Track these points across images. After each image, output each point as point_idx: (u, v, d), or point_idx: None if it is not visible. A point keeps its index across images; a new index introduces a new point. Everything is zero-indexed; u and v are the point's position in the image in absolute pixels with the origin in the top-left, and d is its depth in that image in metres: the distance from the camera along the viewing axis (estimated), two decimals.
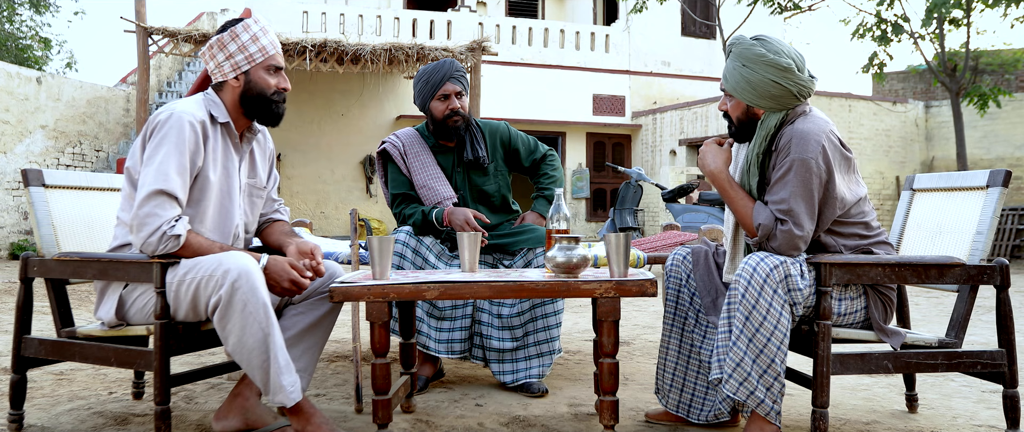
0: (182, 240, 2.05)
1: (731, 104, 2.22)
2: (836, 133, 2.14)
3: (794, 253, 2.08)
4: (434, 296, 2.03)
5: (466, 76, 2.99)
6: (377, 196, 14.68)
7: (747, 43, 2.16)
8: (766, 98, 2.14)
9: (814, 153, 2.05)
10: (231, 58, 2.20)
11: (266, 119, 2.27)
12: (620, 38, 16.29)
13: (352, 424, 2.40)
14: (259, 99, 2.23)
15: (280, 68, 2.27)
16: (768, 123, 2.15)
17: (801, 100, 2.16)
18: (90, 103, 11.99)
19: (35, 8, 18.33)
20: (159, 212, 2.02)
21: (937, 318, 5.07)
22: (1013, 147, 13.28)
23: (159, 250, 2.04)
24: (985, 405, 2.71)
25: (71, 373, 3.12)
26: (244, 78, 2.22)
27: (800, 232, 2.05)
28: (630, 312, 5.39)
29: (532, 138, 3.16)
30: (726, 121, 2.26)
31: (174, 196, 2.05)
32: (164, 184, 2.04)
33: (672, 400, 2.42)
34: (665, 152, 15.46)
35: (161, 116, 2.12)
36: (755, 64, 2.13)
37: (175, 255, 2.07)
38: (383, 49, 10.19)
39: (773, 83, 2.12)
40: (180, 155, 2.07)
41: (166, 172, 2.05)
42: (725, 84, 2.21)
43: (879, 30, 11.99)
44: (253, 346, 2.01)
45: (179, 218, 2.06)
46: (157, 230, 2.02)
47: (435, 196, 2.94)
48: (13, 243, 10.71)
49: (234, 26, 2.20)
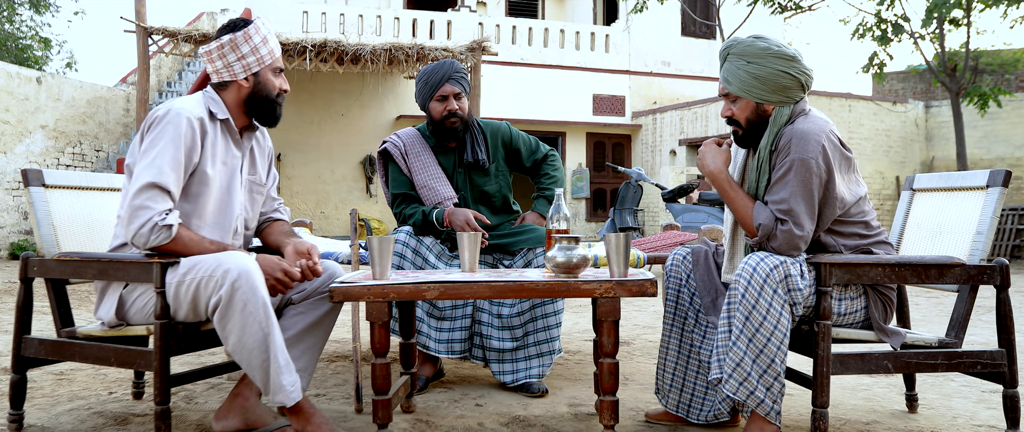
0: (173, 232, 2.05)
1: (738, 107, 2.18)
2: (836, 133, 2.14)
3: (794, 253, 2.08)
4: (434, 296, 2.03)
5: (467, 77, 2.98)
6: (377, 196, 14.68)
7: (747, 41, 2.15)
8: (777, 91, 2.13)
9: (814, 153, 2.05)
10: (243, 59, 2.22)
11: (267, 119, 2.30)
12: (620, 38, 16.29)
13: (352, 424, 2.40)
14: (265, 100, 2.26)
15: (282, 69, 2.31)
16: (780, 118, 2.14)
17: (805, 92, 2.16)
18: (90, 103, 11.99)
19: (35, 8, 18.33)
20: (151, 204, 2.03)
21: (937, 318, 5.07)
22: (1013, 147, 13.28)
23: (150, 242, 2.04)
24: (985, 405, 2.71)
25: (71, 373, 3.12)
26: (254, 79, 2.24)
27: (800, 232, 2.05)
28: (630, 312, 5.39)
29: (533, 138, 3.16)
30: (730, 128, 2.23)
31: (167, 190, 2.06)
32: (157, 177, 2.04)
33: (672, 400, 2.42)
34: (665, 152, 15.46)
35: (159, 112, 2.14)
36: (762, 58, 2.12)
37: (166, 249, 2.07)
38: (383, 49, 10.19)
39: (783, 74, 2.12)
40: (175, 150, 2.08)
41: (160, 166, 2.06)
42: (729, 87, 2.17)
43: (879, 30, 11.99)
44: (253, 346, 2.01)
45: (171, 211, 2.07)
46: (148, 222, 2.02)
47: (436, 196, 2.94)
48: (13, 243, 10.71)
49: (246, 28, 2.22)
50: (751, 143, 2.22)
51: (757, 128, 2.19)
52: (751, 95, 2.15)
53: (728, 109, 2.22)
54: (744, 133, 2.21)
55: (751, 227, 2.13)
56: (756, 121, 2.18)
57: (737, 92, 2.16)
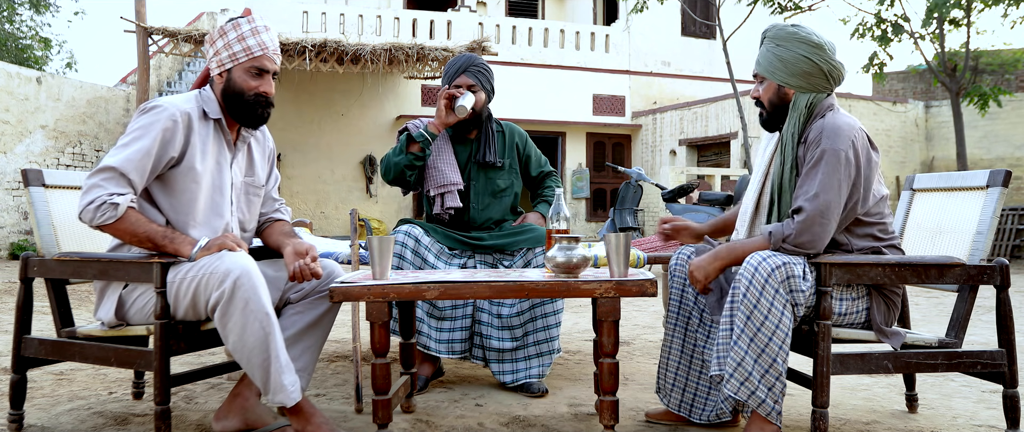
0: (120, 211, 2.04)
1: (763, 88, 2.23)
2: (865, 131, 2.16)
3: (815, 244, 2.04)
4: (434, 296, 2.03)
5: (486, 72, 3.02)
6: (377, 196, 14.68)
7: (781, 25, 2.22)
8: (797, 75, 2.16)
9: (846, 145, 2.06)
10: (218, 54, 2.22)
11: (245, 120, 2.25)
12: (620, 38, 16.29)
13: (352, 424, 2.40)
14: (237, 99, 2.21)
15: (265, 71, 2.23)
16: (800, 104, 2.17)
17: (832, 84, 2.18)
18: (90, 103, 11.99)
19: (35, 8, 18.33)
20: (105, 185, 2.04)
21: (937, 318, 5.07)
22: (1013, 147, 13.27)
23: (96, 219, 2.04)
24: (985, 405, 2.71)
25: (71, 373, 3.12)
26: (227, 75, 2.22)
27: (823, 221, 2.03)
28: (630, 312, 5.39)
29: (544, 156, 3.26)
30: (758, 109, 2.27)
31: (126, 176, 2.06)
32: (120, 164, 2.05)
33: (674, 400, 2.42)
34: (665, 152, 15.47)
35: (146, 104, 2.16)
36: (788, 41, 2.17)
37: (111, 229, 2.06)
38: (383, 49, 10.19)
39: (804, 58, 2.14)
40: (149, 142, 2.09)
41: (127, 154, 2.07)
42: (757, 68, 2.23)
43: (879, 30, 11.99)
44: (254, 345, 2.01)
45: (124, 195, 2.06)
46: (97, 199, 2.03)
47: (442, 178, 2.96)
48: (13, 243, 10.71)
49: (229, 23, 2.21)
50: (776, 126, 2.26)
51: (780, 112, 2.22)
52: (773, 76, 2.19)
53: (756, 90, 2.27)
54: (768, 116, 2.25)
55: (766, 245, 2.10)
56: (779, 104, 2.22)
57: (763, 73, 2.22)
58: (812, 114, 2.17)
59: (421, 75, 12.14)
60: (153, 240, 2.08)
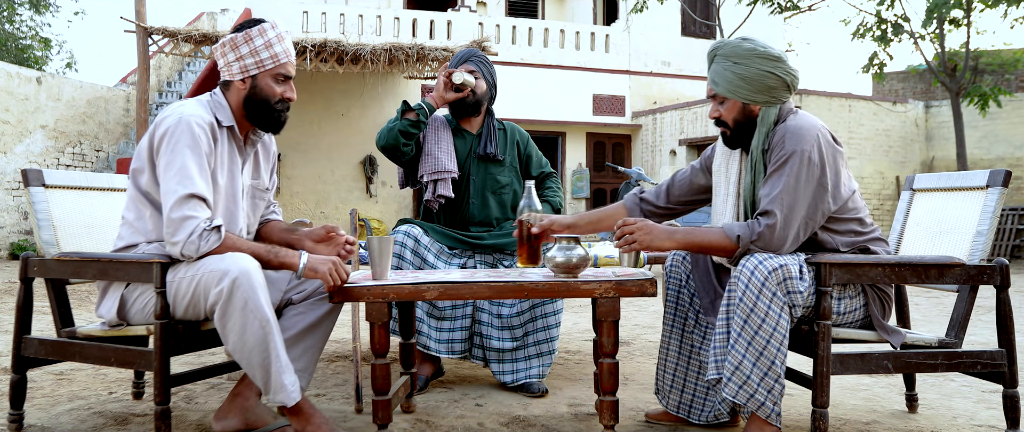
0: (223, 232, 2.05)
1: (726, 108, 2.19)
2: (827, 128, 2.16)
3: (780, 248, 2.04)
4: (434, 296, 2.03)
5: (488, 64, 3.09)
6: (377, 196, 14.68)
7: (733, 42, 2.17)
8: (763, 91, 2.14)
9: (810, 145, 2.06)
10: (241, 60, 2.19)
11: (267, 126, 2.26)
12: (620, 38, 16.29)
13: (352, 424, 2.40)
14: (262, 105, 2.21)
15: (289, 77, 2.24)
16: (768, 118, 2.15)
17: (791, 93, 2.17)
18: (90, 103, 11.99)
19: (35, 8, 18.32)
20: (192, 213, 2.02)
21: (937, 318, 5.07)
22: (1013, 147, 13.27)
23: (202, 248, 2.03)
24: (985, 405, 2.71)
25: (71, 373, 3.12)
26: (251, 82, 2.21)
27: (785, 227, 2.02)
28: (630, 312, 5.39)
29: (544, 156, 3.27)
30: (719, 128, 2.23)
31: (202, 198, 2.05)
32: (191, 187, 2.03)
33: (672, 401, 2.42)
34: (665, 152, 15.46)
35: (170, 121, 2.10)
36: (747, 59, 2.14)
37: (216, 253, 2.05)
38: (383, 49, 10.19)
39: (768, 74, 2.12)
40: (198, 157, 2.07)
41: (190, 176, 2.04)
42: (716, 88, 2.18)
43: (879, 30, 11.99)
44: (254, 345, 2.01)
45: (216, 217, 2.08)
46: (196, 229, 2.02)
47: (437, 165, 2.97)
48: (13, 243, 10.71)
49: (251, 28, 2.18)
50: (740, 144, 2.23)
51: (744, 129, 2.19)
52: (738, 95, 2.16)
53: (716, 110, 2.23)
54: (732, 134, 2.21)
55: (730, 246, 2.08)
56: (743, 122, 2.18)
57: (724, 93, 2.17)
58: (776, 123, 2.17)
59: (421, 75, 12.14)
60: (258, 255, 2.09)
